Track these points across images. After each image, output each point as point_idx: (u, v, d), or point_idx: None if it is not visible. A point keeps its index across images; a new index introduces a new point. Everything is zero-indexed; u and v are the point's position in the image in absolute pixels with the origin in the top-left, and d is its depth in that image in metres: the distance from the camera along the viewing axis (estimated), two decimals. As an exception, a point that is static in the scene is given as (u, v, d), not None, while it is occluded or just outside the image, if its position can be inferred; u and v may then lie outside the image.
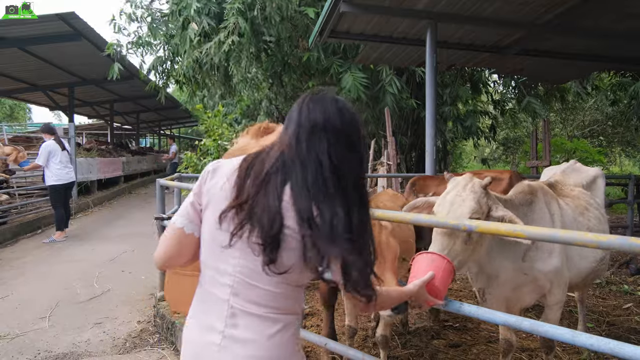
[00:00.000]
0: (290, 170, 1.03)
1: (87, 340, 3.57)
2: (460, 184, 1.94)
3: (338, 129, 1.05)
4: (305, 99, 1.11)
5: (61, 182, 6.96)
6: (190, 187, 4.54)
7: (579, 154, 11.41)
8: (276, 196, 1.02)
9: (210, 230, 1.12)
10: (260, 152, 1.12)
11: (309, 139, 1.04)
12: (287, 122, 1.12)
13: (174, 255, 1.19)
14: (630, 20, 4.17)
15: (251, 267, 1.07)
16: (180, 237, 1.16)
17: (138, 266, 5.53)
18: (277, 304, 1.09)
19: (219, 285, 1.11)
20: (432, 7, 3.88)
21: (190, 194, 1.19)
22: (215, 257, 1.12)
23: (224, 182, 1.12)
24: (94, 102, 15.45)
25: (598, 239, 1.15)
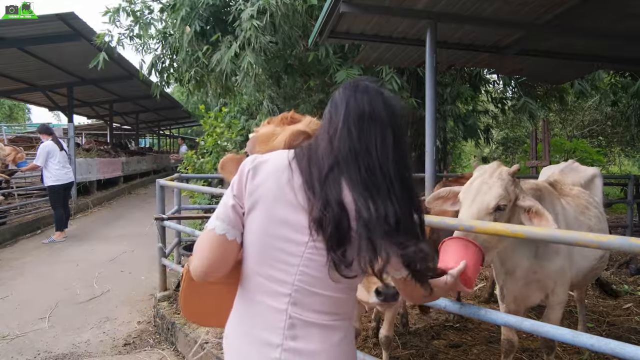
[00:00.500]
0: (344, 164, 0.98)
1: (87, 340, 3.57)
2: (488, 172, 1.91)
3: (385, 121, 1.00)
4: (349, 88, 1.05)
5: (60, 183, 6.95)
6: (190, 188, 4.55)
7: (578, 154, 11.41)
8: (338, 189, 0.97)
9: (263, 235, 1.03)
10: (310, 145, 1.05)
11: (360, 130, 0.99)
12: (331, 110, 1.06)
13: (219, 265, 1.07)
14: (630, 20, 4.16)
15: (314, 275, 1.00)
16: (223, 245, 1.05)
17: (138, 266, 5.53)
18: (337, 310, 1.04)
19: (273, 295, 1.02)
20: (432, 7, 3.87)
21: (229, 196, 1.07)
22: (269, 265, 1.03)
23: (273, 180, 1.03)
24: (93, 103, 15.44)
25: (599, 239, 1.15)
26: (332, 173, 0.98)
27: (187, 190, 5.52)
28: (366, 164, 0.97)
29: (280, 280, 1.02)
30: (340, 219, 0.95)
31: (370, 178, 0.96)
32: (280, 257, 1.01)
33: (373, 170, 0.97)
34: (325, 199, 0.96)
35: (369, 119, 1.00)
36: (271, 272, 1.03)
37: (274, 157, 1.08)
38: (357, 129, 0.99)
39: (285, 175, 1.03)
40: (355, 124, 1.00)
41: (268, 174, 1.04)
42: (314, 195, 0.97)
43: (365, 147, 0.98)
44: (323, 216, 0.96)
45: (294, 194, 1.01)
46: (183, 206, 5.06)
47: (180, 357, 3.32)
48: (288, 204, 1.01)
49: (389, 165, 0.98)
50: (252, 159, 1.08)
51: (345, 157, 0.98)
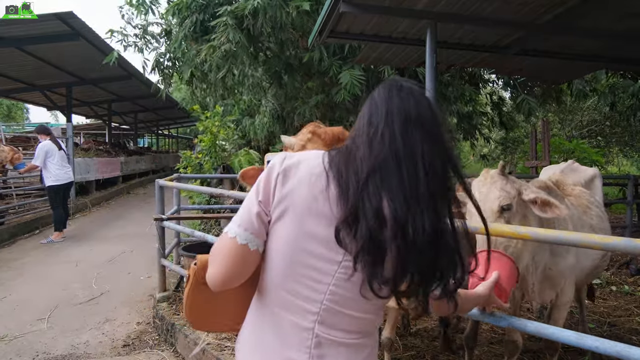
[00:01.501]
0: (385, 169, 0.88)
1: (86, 341, 3.55)
2: (480, 181, 1.91)
3: (431, 125, 0.91)
4: (392, 88, 0.95)
5: (60, 183, 6.92)
6: (189, 188, 4.53)
7: (577, 154, 11.42)
8: (377, 200, 0.87)
9: (291, 247, 0.94)
10: (348, 148, 0.95)
11: (404, 132, 0.89)
12: (370, 110, 0.95)
13: (238, 276, 0.99)
14: (630, 20, 4.16)
15: (345, 295, 0.93)
16: (244, 255, 0.96)
17: (137, 267, 5.51)
18: (364, 328, 0.98)
19: (299, 312, 0.95)
20: (432, 7, 3.86)
21: (253, 202, 0.97)
22: (296, 280, 0.95)
23: (306, 187, 0.93)
24: (91, 102, 15.41)
25: (604, 240, 1.14)
26: (371, 180, 0.88)
27: (186, 191, 5.52)
28: (410, 171, 0.87)
29: (307, 297, 0.94)
30: (376, 231, 0.86)
31: (413, 188, 0.87)
32: (309, 274, 0.93)
33: (417, 179, 0.87)
34: (362, 208, 0.87)
35: (415, 123, 0.90)
36: (298, 288, 0.95)
37: (307, 159, 0.97)
38: (401, 133, 0.89)
39: (320, 183, 0.93)
40: (399, 126, 0.90)
41: (300, 180, 0.94)
42: (347, 204, 0.88)
43: (411, 153, 0.88)
44: (356, 227, 0.87)
45: (329, 204, 0.91)
46: (182, 206, 5.05)
47: (179, 358, 3.31)
48: (322, 216, 0.91)
49: (435, 175, 0.89)
50: (281, 160, 0.98)
51: (386, 163, 0.88)
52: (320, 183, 0.93)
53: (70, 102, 11.57)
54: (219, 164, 6.26)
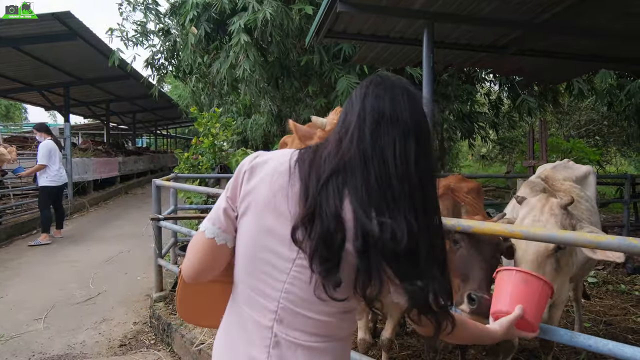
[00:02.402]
0: (350, 169, 0.85)
1: (83, 341, 3.54)
2: (537, 207, 1.77)
3: (408, 123, 0.86)
4: (371, 83, 0.91)
5: (55, 184, 6.78)
6: (186, 188, 4.53)
7: (575, 153, 11.44)
8: (337, 200, 0.84)
9: (252, 244, 0.94)
10: (318, 147, 0.93)
11: (374, 131, 0.85)
12: (346, 108, 0.93)
13: (206, 268, 1.02)
14: (628, 19, 4.16)
15: (300, 295, 0.90)
16: (212, 248, 0.99)
17: (134, 267, 5.50)
18: (326, 332, 0.93)
19: (259, 309, 0.94)
20: (429, 7, 3.86)
21: (222, 198, 1.00)
22: (256, 277, 0.94)
23: (268, 184, 0.93)
24: (89, 102, 15.40)
25: (597, 239, 1.14)
26: (333, 180, 0.85)
27: (183, 191, 5.51)
28: (378, 172, 0.83)
29: (266, 294, 0.93)
30: (331, 233, 0.83)
31: (382, 189, 0.83)
32: (267, 270, 0.92)
33: (387, 180, 0.83)
34: (319, 208, 0.84)
35: (389, 121, 0.85)
36: (258, 285, 0.94)
37: (276, 157, 0.97)
38: (371, 131, 0.85)
39: (282, 180, 0.92)
40: (370, 125, 0.86)
41: (264, 177, 0.94)
42: (305, 204, 0.86)
43: (380, 153, 0.84)
44: (309, 228, 0.84)
45: (287, 202, 0.90)
46: (179, 206, 5.04)
47: (176, 358, 3.30)
48: (279, 213, 0.90)
49: (409, 176, 0.84)
50: (252, 158, 1.00)
51: (351, 163, 0.85)
52: (281, 180, 0.92)
53: (68, 102, 11.58)
54: (216, 164, 6.26)
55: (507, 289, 1.26)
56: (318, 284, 0.86)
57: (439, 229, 0.90)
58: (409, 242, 0.81)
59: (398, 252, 0.81)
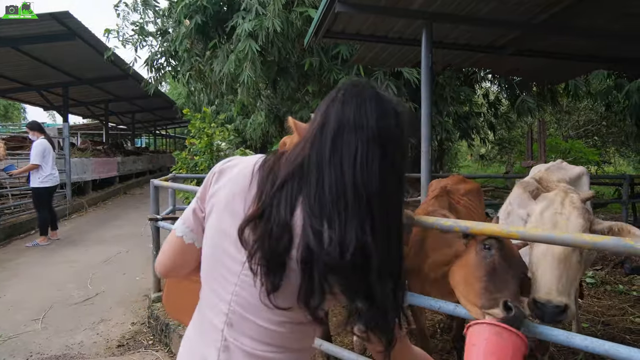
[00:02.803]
0: (306, 176, 0.83)
1: (80, 342, 3.54)
2: (557, 201, 1.75)
3: (373, 130, 0.82)
4: (340, 89, 0.89)
5: (47, 185, 6.64)
6: (184, 188, 4.53)
7: (573, 153, 11.47)
8: (288, 207, 0.83)
9: (211, 244, 0.95)
10: (283, 153, 0.93)
11: (334, 139, 0.82)
12: (315, 115, 0.91)
13: (174, 265, 1.06)
14: (626, 20, 4.17)
15: (248, 299, 0.89)
16: (180, 247, 1.02)
17: (132, 267, 5.50)
18: (277, 342, 0.90)
19: (215, 310, 0.93)
20: (428, 7, 3.86)
21: (194, 199, 1.03)
22: (213, 277, 0.94)
23: (230, 186, 0.94)
24: (88, 102, 15.39)
25: (594, 240, 1.14)
26: (288, 184, 0.84)
27: (182, 191, 5.50)
28: (334, 180, 0.80)
29: (220, 296, 0.92)
30: (275, 237, 0.81)
31: (335, 198, 0.79)
32: (222, 271, 0.92)
33: (342, 189, 0.79)
34: (267, 211, 0.83)
35: (353, 127, 0.82)
36: (214, 286, 0.94)
37: (244, 161, 0.98)
38: (332, 137, 0.82)
39: (243, 182, 0.92)
40: (332, 130, 0.83)
41: (229, 179, 0.95)
42: (257, 204, 0.86)
43: (339, 160, 0.80)
44: (255, 228, 0.84)
45: (243, 204, 0.90)
46: (178, 206, 5.03)
47: (174, 359, 3.30)
48: (236, 215, 0.90)
49: (368, 185, 0.79)
50: (224, 161, 1.01)
51: (308, 169, 0.83)
52: (243, 183, 0.92)
53: (66, 102, 11.56)
54: (214, 164, 6.25)
55: (480, 343, 1.19)
56: (262, 288, 0.84)
57: (397, 243, 0.85)
58: (357, 256, 0.77)
59: (345, 266, 0.77)
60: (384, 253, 0.81)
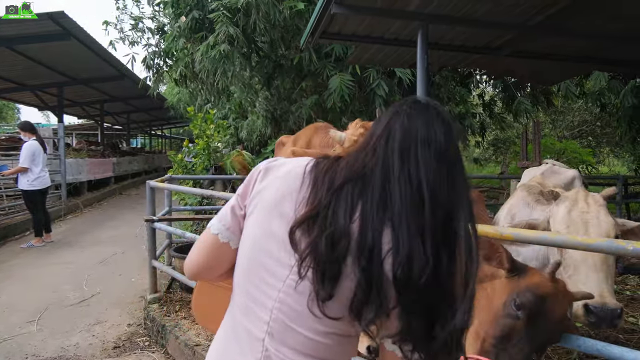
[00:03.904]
0: (371, 182, 0.80)
1: (76, 344, 3.53)
2: (580, 199, 1.71)
3: (442, 146, 0.81)
4: (404, 104, 0.88)
5: (36, 188, 6.53)
6: (180, 189, 4.53)
7: (568, 154, 11.54)
8: (348, 211, 0.79)
9: (253, 245, 0.90)
10: (338, 158, 0.90)
11: (402, 150, 0.80)
12: (374, 126, 0.88)
13: (207, 266, 1.00)
14: (622, 21, 4.20)
15: (293, 307, 0.84)
16: (214, 245, 0.97)
17: (129, 268, 5.48)
18: (321, 354, 0.85)
19: (253, 318, 0.88)
20: (424, 9, 3.88)
21: (234, 196, 0.98)
22: (252, 282, 0.89)
23: (279, 185, 0.90)
24: (83, 102, 15.31)
25: (587, 241, 1.16)
26: (347, 187, 0.81)
27: (177, 193, 5.51)
28: (404, 192, 0.77)
29: (260, 302, 0.87)
30: (332, 243, 0.77)
31: (410, 210, 0.76)
32: (264, 275, 0.87)
33: (419, 202, 0.76)
34: (324, 212, 0.80)
35: (423, 142, 0.80)
36: (253, 291, 0.88)
37: (292, 162, 0.95)
38: (400, 149, 0.80)
39: (293, 183, 0.88)
40: (400, 142, 0.81)
41: (277, 178, 0.91)
42: (310, 205, 0.83)
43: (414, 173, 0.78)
44: (309, 230, 0.80)
45: (294, 205, 0.86)
46: (174, 207, 5.03)
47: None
48: (284, 216, 0.86)
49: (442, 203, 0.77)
50: (270, 160, 0.98)
51: (373, 176, 0.80)
52: (293, 183, 0.88)
53: (61, 102, 11.50)
54: (211, 165, 6.25)
55: None
56: (312, 295, 0.80)
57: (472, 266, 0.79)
58: (426, 275, 0.73)
59: (410, 283, 0.74)
60: (456, 276, 0.77)
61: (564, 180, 2.87)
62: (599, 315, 1.38)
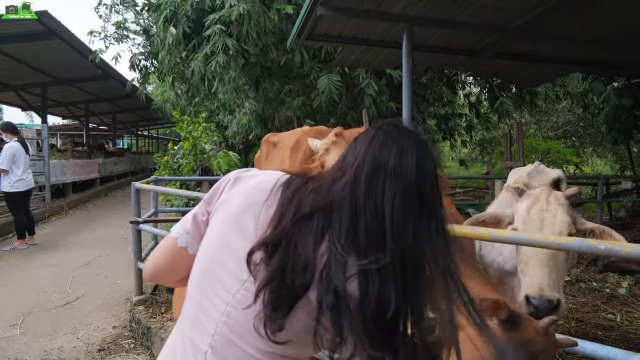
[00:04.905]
0: (337, 214, 0.76)
1: (60, 347, 3.49)
2: (542, 197, 1.76)
3: (412, 181, 0.75)
4: (380, 129, 0.82)
5: (18, 190, 6.40)
6: (165, 191, 4.50)
7: (552, 154, 11.73)
8: (312, 242, 0.76)
9: (208, 254, 0.87)
10: (310, 178, 0.86)
11: (370, 180, 0.75)
12: (348, 149, 0.84)
13: (164, 269, 0.98)
14: (601, 25, 4.30)
15: (240, 321, 0.80)
16: (172, 249, 0.95)
17: (114, 270, 5.43)
18: None
19: (199, 329, 0.84)
20: (409, 11, 3.93)
21: (200, 202, 0.97)
22: (204, 293, 0.86)
23: (245, 197, 0.88)
24: (68, 103, 15.10)
25: (559, 240, 1.20)
26: (315, 217, 0.78)
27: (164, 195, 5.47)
28: (370, 226, 0.73)
29: (208, 314, 0.84)
30: (296, 274, 0.75)
31: (374, 247, 0.72)
32: (216, 288, 0.84)
33: (380, 238, 0.73)
34: (287, 240, 0.77)
35: (391, 175, 0.75)
36: (204, 302, 0.85)
37: (263, 174, 0.93)
38: (367, 181, 0.76)
39: (259, 197, 0.86)
40: (368, 173, 0.76)
41: (244, 189, 0.89)
42: (274, 229, 0.79)
43: (374, 206, 0.74)
44: (269, 255, 0.77)
45: (255, 220, 0.84)
46: (160, 209, 5.00)
47: (156, 362, 3.28)
48: (243, 230, 0.84)
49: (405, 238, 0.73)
50: (242, 170, 0.96)
51: (339, 207, 0.76)
52: (259, 197, 0.86)
53: (45, 102, 11.32)
54: (197, 166, 6.23)
55: None
56: (259, 315, 0.77)
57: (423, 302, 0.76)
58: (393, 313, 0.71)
59: (378, 322, 0.71)
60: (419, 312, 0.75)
61: (548, 180, 2.91)
62: (536, 306, 1.45)
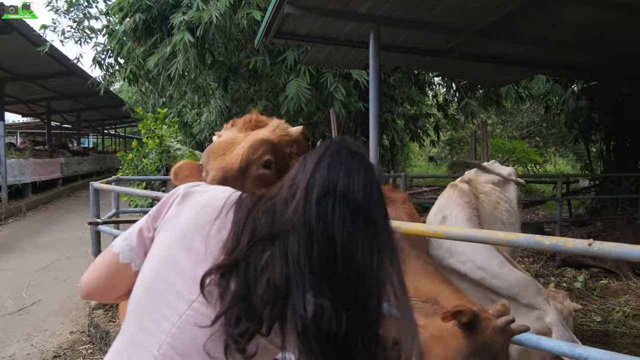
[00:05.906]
0: (292, 239, 0.75)
1: (12, 355, 3.33)
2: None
3: (360, 203, 0.77)
4: (328, 150, 0.82)
5: None
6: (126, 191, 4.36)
7: (517, 153, 12.08)
8: (273, 266, 0.75)
9: (152, 271, 0.84)
10: (260, 197, 0.84)
11: (320, 203, 0.76)
12: (298, 168, 0.83)
13: (104, 286, 0.93)
14: (564, 28, 4.43)
15: (185, 343, 0.77)
16: (114, 265, 0.90)
17: (74, 273, 5.22)
18: None
19: (140, 349, 0.80)
20: (376, 11, 3.94)
21: (145, 216, 0.92)
22: (147, 313, 0.82)
23: (194, 215, 0.85)
24: (28, 100, 14.51)
25: (507, 237, 1.21)
26: (275, 243, 0.77)
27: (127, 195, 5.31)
28: (323, 250, 0.74)
29: (152, 335, 0.79)
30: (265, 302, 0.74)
31: (325, 269, 0.73)
32: (161, 307, 0.80)
33: (332, 260, 0.74)
34: (245, 267, 0.76)
35: (340, 197, 0.76)
36: (147, 322, 0.81)
37: (215, 190, 0.91)
38: (317, 204, 0.76)
39: (209, 215, 0.84)
40: (318, 197, 0.76)
41: (195, 206, 0.86)
42: (230, 253, 0.77)
43: (325, 230, 0.74)
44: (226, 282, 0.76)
45: (205, 240, 0.82)
46: (122, 209, 4.84)
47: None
48: (192, 248, 0.82)
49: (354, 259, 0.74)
50: (192, 185, 0.92)
51: (295, 232, 0.76)
52: (209, 216, 0.84)
53: (2, 99, 10.83)
54: (162, 166, 6.07)
55: None
56: (212, 337, 0.75)
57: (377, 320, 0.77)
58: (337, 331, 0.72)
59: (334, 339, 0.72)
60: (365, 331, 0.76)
61: (496, 177, 2.97)
62: None
